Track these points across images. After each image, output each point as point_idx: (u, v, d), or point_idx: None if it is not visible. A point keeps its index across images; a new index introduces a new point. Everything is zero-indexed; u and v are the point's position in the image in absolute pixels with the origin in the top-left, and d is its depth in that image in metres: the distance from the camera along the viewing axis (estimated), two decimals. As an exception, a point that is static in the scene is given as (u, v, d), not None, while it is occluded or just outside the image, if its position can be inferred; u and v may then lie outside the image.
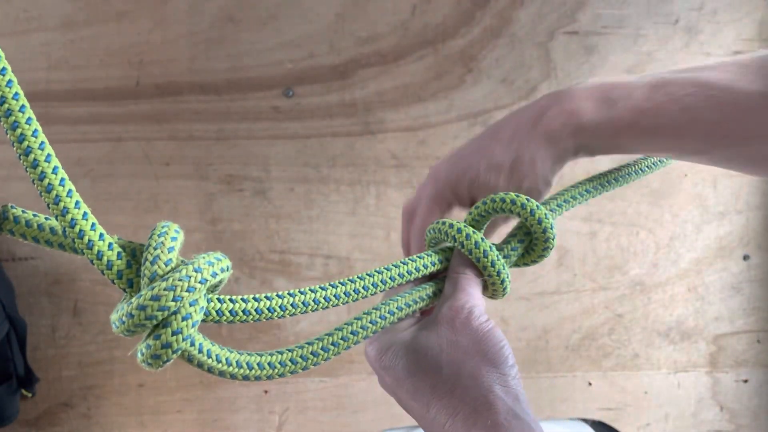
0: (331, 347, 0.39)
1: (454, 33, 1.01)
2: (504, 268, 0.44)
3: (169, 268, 0.31)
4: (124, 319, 0.31)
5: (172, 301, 0.30)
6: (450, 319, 0.41)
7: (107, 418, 1.04)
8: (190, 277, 0.31)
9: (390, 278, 0.42)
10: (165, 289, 0.30)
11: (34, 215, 0.32)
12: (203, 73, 0.99)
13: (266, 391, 1.05)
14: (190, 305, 0.31)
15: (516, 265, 0.47)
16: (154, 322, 0.31)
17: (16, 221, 0.32)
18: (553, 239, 0.45)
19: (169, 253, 0.32)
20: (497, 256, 0.44)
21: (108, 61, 0.98)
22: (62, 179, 0.30)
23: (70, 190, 0.31)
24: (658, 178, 1.06)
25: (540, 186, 0.46)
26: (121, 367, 1.03)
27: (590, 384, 1.09)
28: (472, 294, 0.43)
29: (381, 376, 0.43)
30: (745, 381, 1.11)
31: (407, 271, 0.43)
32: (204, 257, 0.33)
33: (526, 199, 0.44)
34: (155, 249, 0.32)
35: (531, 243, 0.46)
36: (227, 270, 0.34)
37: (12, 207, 0.32)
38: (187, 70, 0.99)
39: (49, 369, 1.02)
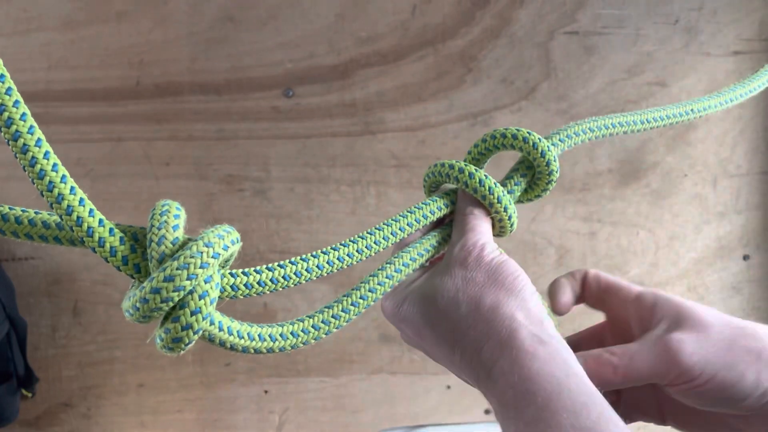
0: (352, 308, 0.38)
1: (454, 33, 1.01)
2: (510, 203, 0.44)
3: (176, 246, 0.30)
4: (137, 305, 0.29)
5: (187, 279, 0.29)
6: (462, 258, 0.41)
7: (107, 418, 1.04)
8: (201, 252, 0.29)
9: (399, 229, 0.41)
10: (178, 269, 0.29)
11: (23, 211, 0.30)
12: (203, 73, 0.99)
13: (266, 391, 1.05)
14: (206, 282, 0.30)
15: (519, 200, 0.47)
16: (171, 304, 0.29)
17: (5, 219, 0.30)
18: (556, 172, 0.45)
19: (174, 231, 0.30)
20: (503, 191, 0.43)
21: (108, 61, 0.98)
22: (54, 164, 0.29)
23: (63, 176, 0.29)
24: (658, 178, 1.06)
25: None
26: (121, 367, 1.03)
27: (590, 384, 1.09)
28: (482, 232, 0.42)
29: (402, 330, 0.42)
30: (745, 381, 1.11)
31: (415, 220, 0.42)
32: (212, 231, 0.31)
33: (528, 132, 0.44)
34: (159, 229, 0.30)
35: (534, 177, 0.46)
36: (237, 242, 0.32)
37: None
38: (187, 70, 0.99)
39: (49, 369, 1.02)
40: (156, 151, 1.00)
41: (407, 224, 0.42)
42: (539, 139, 0.44)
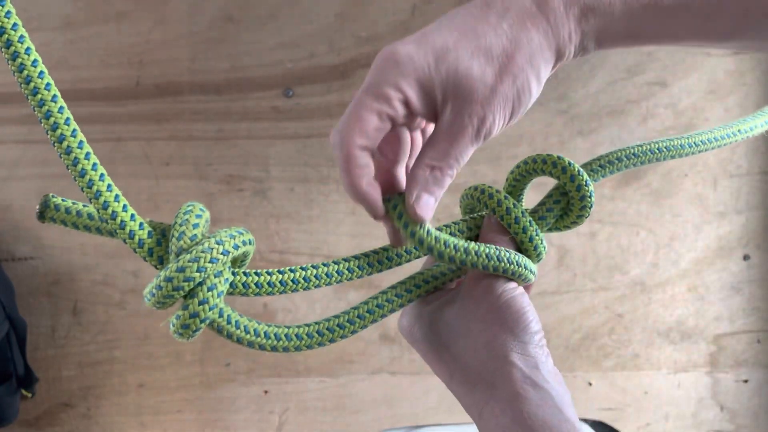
0: (357, 320, 0.39)
1: (454, 33, 1.01)
2: (537, 234, 0.42)
3: (194, 243, 0.33)
4: (153, 291, 0.32)
5: (197, 272, 0.32)
6: (470, 289, 0.40)
7: (107, 418, 1.04)
8: (212, 249, 0.33)
9: (415, 247, 0.42)
10: (189, 261, 0.32)
11: (73, 203, 0.34)
12: (203, 73, 0.99)
13: (266, 391, 1.05)
14: (215, 276, 0.33)
15: (551, 229, 0.45)
16: (182, 292, 0.32)
17: (57, 209, 0.34)
18: (591, 205, 0.43)
19: (194, 229, 0.34)
20: (530, 221, 0.42)
21: (108, 61, 0.98)
22: (94, 164, 0.33)
23: (102, 174, 0.33)
24: (658, 178, 1.06)
25: (533, 86, 0.37)
26: (121, 367, 1.03)
27: (590, 384, 1.09)
28: None
29: (413, 346, 0.42)
30: (745, 381, 1.11)
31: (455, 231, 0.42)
32: (226, 231, 0.34)
33: (568, 162, 0.42)
34: (180, 226, 0.34)
35: (568, 205, 0.44)
36: (249, 243, 0.35)
37: (53, 196, 0.34)
38: (187, 70, 0.99)
39: (49, 369, 1.02)
40: (156, 151, 1.00)
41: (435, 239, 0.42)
42: (578, 171, 0.42)
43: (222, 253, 0.33)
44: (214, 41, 0.99)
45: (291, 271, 0.37)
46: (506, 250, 0.40)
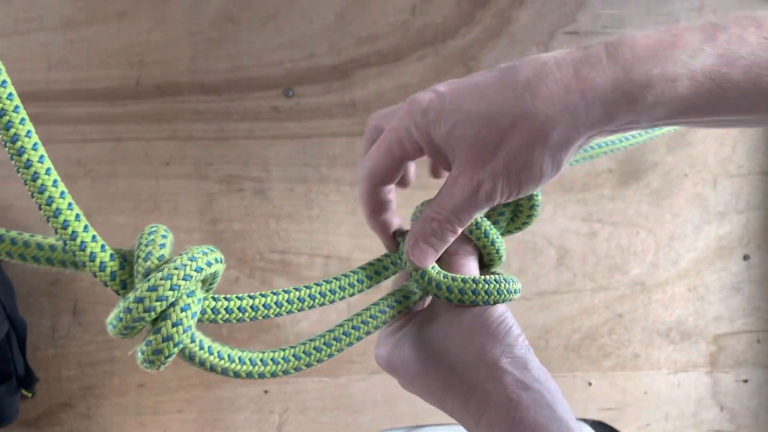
0: (334, 342, 0.39)
1: (454, 33, 1.01)
2: (498, 237, 0.43)
3: (161, 263, 0.31)
4: (121, 315, 0.30)
5: (170, 290, 0.30)
6: (446, 305, 0.40)
7: (107, 418, 1.04)
8: (185, 265, 0.31)
9: (383, 267, 0.42)
10: (162, 279, 0.30)
11: (19, 233, 0.32)
12: (203, 73, 0.99)
13: (266, 391, 1.05)
14: (188, 296, 0.31)
15: (504, 233, 0.46)
16: (153, 314, 0.30)
17: (1, 240, 0.32)
18: (538, 205, 0.43)
19: (161, 249, 0.32)
20: (489, 225, 0.42)
21: (108, 61, 0.98)
22: (55, 180, 0.31)
23: (63, 192, 0.31)
24: (658, 178, 1.06)
25: (544, 165, 0.35)
26: (121, 367, 1.03)
27: (590, 384, 1.09)
28: (465, 273, 0.41)
29: (395, 377, 0.42)
30: (745, 381, 1.11)
31: (399, 257, 0.42)
32: (196, 248, 0.32)
33: None
34: (146, 246, 0.32)
35: (517, 208, 0.44)
36: (220, 261, 0.33)
37: None
38: (187, 70, 0.99)
39: (49, 369, 1.02)
40: (156, 151, 1.00)
41: (391, 263, 0.42)
42: None
43: (195, 270, 0.31)
44: (214, 41, 0.99)
45: (262, 296, 0.36)
46: (505, 280, 0.40)
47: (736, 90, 0.33)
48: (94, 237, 0.31)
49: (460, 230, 0.39)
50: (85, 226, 0.31)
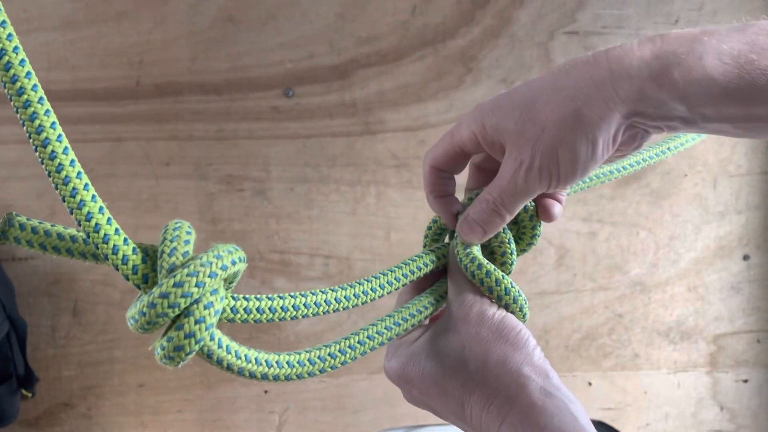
0: (348, 350, 0.39)
1: (454, 33, 1.01)
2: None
3: (186, 259, 0.31)
4: (144, 310, 0.30)
5: (195, 287, 0.30)
6: (464, 315, 0.41)
7: (107, 418, 1.04)
8: (211, 263, 0.31)
9: (395, 278, 0.43)
10: (187, 275, 0.30)
11: (40, 222, 0.32)
12: (203, 73, 0.99)
13: (266, 391, 1.05)
14: (212, 294, 0.31)
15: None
16: (177, 310, 0.30)
17: (22, 228, 0.31)
18: (538, 236, 0.46)
19: (185, 245, 0.32)
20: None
21: (108, 61, 0.98)
22: (79, 172, 0.30)
23: (87, 184, 0.31)
24: (658, 178, 1.06)
25: (579, 147, 0.37)
26: (121, 367, 1.03)
27: (590, 384, 1.09)
28: (475, 288, 0.43)
29: (407, 390, 0.42)
30: (745, 381, 1.11)
31: (410, 271, 0.44)
32: (221, 245, 0.33)
33: None
34: (172, 242, 0.32)
35: (519, 232, 0.47)
36: (243, 261, 0.33)
37: (17, 215, 0.31)
38: (187, 70, 0.99)
39: (49, 369, 1.02)
40: (156, 151, 1.00)
41: (402, 275, 0.43)
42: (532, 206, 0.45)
43: (221, 268, 0.31)
44: (214, 41, 0.99)
45: (281, 298, 0.36)
46: (525, 300, 0.44)
47: (766, 79, 0.33)
48: (117, 230, 0.31)
49: (507, 214, 0.41)
50: (108, 219, 0.31)
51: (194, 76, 0.99)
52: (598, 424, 1.10)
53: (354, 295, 0.40)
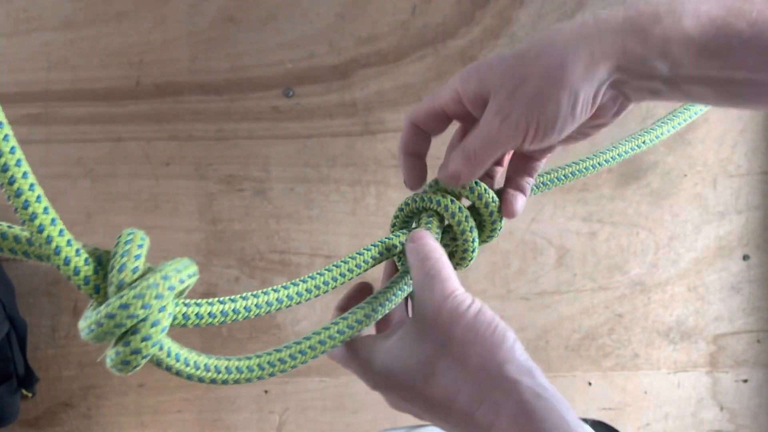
0: (299, 355, 0.38)
1: (454, 33, 1.01)
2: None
3: (136, 275, 0.32)
4: (92, 327, 0.31)
5: (141, 309, 0.30)
6: (434, 317, 0.38)
7: (107, 418, 1.04)
8: (158, 284, 0.31)
9: (356, 266, 0.42)
10: (134, 297, 0.30)
11: None
12: (203, 73, 0.99)
13: (266, 391, 1.05)
14: (159, 311, 0.31)
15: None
16: (123, 329, 0.31)
17: None
18: (499, 225, 0.46)
19: (135, 260, 0.32)
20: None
21: (108, 61, 0.98)
22: (32, 184, 0.30)
23: (39, 196, 0.30)
24: (658, 178, 1.06)
25: (561, 96, 0.38)
26: (121, 367, 1.03)
27: (590, 384, 1.09)
28: (447, 277, 0.39)
29: (388, 398, 0.40)
30: (745, 381, 1.11)
31: (378, 253, 0.43)
32: (171, 264, 0.33)
33: (484, 189, 0.45)
34: (122, 257, 0.32)
35: (480, 224, 0.46)
36: (194, 275, 0.34)
37: None
38: (187, 70, 0.99)
39: (50, 369, 1.02)
40: (156, 151, 1.00)
41: (370, 257, 0.43)
42: (485, 189, 0.45)
43: (168, 289, 0.31)
44: (214, 41, 0.99)
45: (232, 300, 0.36)
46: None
47: (741, 40, 0.35)
48: (69, 241, 0.31)
49: (478, 164, 0.42)
50: (61, 230, 0.31)
51: (194, 76, 0.99)
52: (598, 424, 1.10)
53: (317, 285, 0.40)
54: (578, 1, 1.01)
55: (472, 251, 0.45)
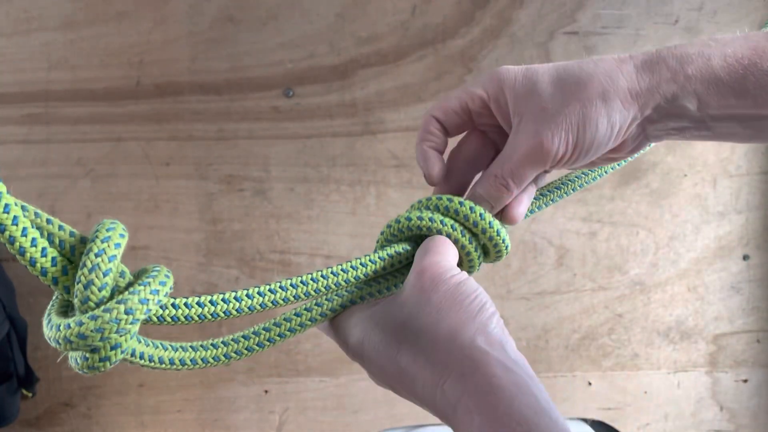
0: (267, 343, 0.38)
1: (454, 33, 1.01)
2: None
3: (102, 294, 0.30)
4: (60, 341, 0.30)
5: (116, 333, 0.29)
6: (416, 281, 0.37)
7: (107, 418, 1.04)
8: (120, 320, 0.29)
9: (346, 280, 0.40)
10: (92, 330, 0.29)
11: None
12: (203, 73, 0.99)
13: (266, 391, 1.05)
14: (132, 323, 0.30)
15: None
16: (87, 350, 0.30)
17: None
18: (507, 248, 0.44)
19: (104, 277, 0.30)
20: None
21: (108, 61, 0.98)
22: None
23: None
24: (658, 178, 1.06)
25: (600, 121, 0.39)
26: (121, 367, 1.03)
27: (590, 384, 1.09)
28: (441, 253, 0.39)
29: (366, 367, 0.39)
30: (745, 381, 1.11)
31: (379, 257, 0.41)
32: (148, 286, 0.31)
33: (470, 208, 0.42)
34: (90, 272, 0.30)
35: (484, 248, 0.44)
36: (167, 295, 0.32)
37: None
38: (187, 70, 0.99)
39: (50, 369, 1.02)
40: (156, 151, 1.00)
41: (370, 265, 0.41)
42: (489, 223, 0.42)
43: (131, 323, 0.30)
44: (214, 41, 0.99)
45: (212, 303, 0.35)
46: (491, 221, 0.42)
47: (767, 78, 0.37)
48: (24, 230, 0.30)
49: (515, 188, 0.41)
50: (24, 230, 0.30)
51: (194, 76, 0.99)
52: (598, 424, 1.10)
53: (296, 296, 0.38)
54: (578, 1, 1.01)
55: (503, 242, 0.43)
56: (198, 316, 0.35)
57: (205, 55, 0.99)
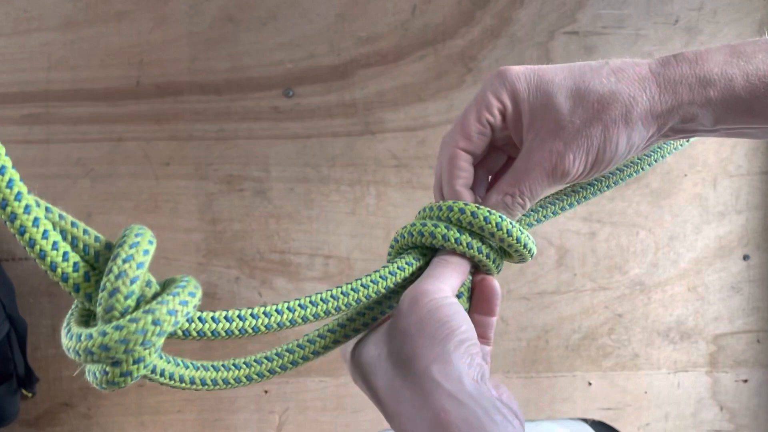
0: (279, 370, 0.38)
1: (454, 33, 1.01)
2: (522, 232, 0.41)
3: (128, 303, 0.28)
4: (80, 353, 0.28)
5: (140, 345, 0.27)
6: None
7: (107, 418, 1.04)
8: (146, 331, 0.27)
9: (365, 296, 0.38)
10: (117, 341, 0.27)
11: None
12: (203, 73, 0.99)
13: (266, 391, 1.05)
14: (145, 348, 0.28)
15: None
16: (108, 363, 0.28)
17: None
18: (530, 253, 0.42)
19: (131, 285, 0.28)
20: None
21: (108, 61, 0.98)
22: (10, 180, 0.27)
23: (19, 193, 0.27)
24: (658, 178, 1.06)
25: (620, 141, 0.38)
26: (121, 367, 1.03)
27: (590, 384, 1.09)
28: (437, 276, 0.37)
29: (367, 394, 0.38)
30: (745, 381, 1.11)
31: (390, 272, 0.39)
32: (176, 296, 0.29)
33: (484, 219, 0.40)
34: (116, 279, 0.28)
35: (504, 251, 0.43)
36: (195, 307, 0.31)
37: None
38: (187, 70, 0.99)
39: (50, 369, 1.02)
40: (156, 151, 1.00)
41: (380, 278, 0.39)
42: (509, 227, 0.40)
43: (158, 335, 0.28)
44: (214, 41, 0.99)
45: (240, 318, 0.34)
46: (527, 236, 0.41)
47: None
48: (45, 233, 0.28)
49: (529, 203, 0.40)
50: (45, 232, 0.28)
51: (194, 76, 0.99)
52: (598, 424, 1.10)
53: (326, 311, 0.37)
54: (578, 1, 1.01)
55: (524, 247, 0.41)
56: (225, 331, 0.33)
57: (205, 55, 0.99)
